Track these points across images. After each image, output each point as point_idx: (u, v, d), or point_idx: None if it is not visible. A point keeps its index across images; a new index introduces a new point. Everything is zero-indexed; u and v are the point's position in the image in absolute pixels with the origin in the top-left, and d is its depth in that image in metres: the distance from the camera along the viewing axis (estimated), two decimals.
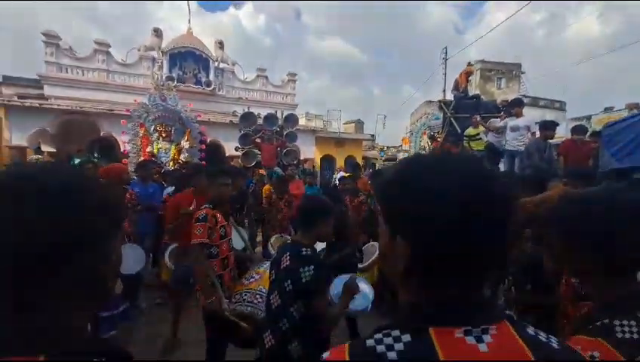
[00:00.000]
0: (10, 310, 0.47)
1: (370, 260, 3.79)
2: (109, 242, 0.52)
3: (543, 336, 0.48)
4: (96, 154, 11.03)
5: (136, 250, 3.29)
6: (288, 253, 1.66)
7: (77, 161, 8.40)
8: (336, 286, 1.71)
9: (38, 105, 11.70)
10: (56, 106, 11.76)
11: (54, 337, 0.47)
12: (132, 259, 3.04)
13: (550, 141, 4.64)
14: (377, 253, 3.79)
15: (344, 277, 2.03)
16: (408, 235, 0.48)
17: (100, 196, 0.51)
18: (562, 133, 9.16)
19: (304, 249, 1.64)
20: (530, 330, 0.48)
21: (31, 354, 0.44)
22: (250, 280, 2.29)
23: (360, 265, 3.64)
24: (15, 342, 0.45)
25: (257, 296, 2.15)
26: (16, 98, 12.19)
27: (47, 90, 12.89)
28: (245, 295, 2.17)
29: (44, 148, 11.52)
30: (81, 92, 13.05)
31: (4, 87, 14.10)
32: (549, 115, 21.17)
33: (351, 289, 1.70)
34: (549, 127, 4.63)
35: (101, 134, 11.97)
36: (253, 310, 2.10)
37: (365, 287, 2.08)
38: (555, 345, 0.47)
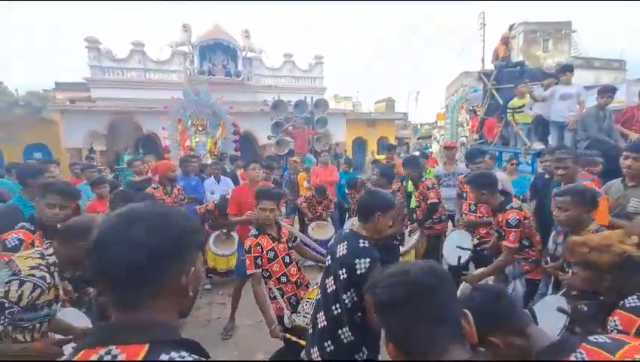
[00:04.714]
0: (119, 308, 0.62)
1: (410, 244, 3.80)
2: (189, 259, 0.67)
3: None
4: (141, 151, 11.83)
5: None
6: (346, 243, 1.67)
7: (127, 158, 9.10)
8: None
9: (87, 108, 12.66)
10: (102, 108, 12.64)
11: (154, 330, 0.59)
12: None
13: (610, 108, 4.15)
14: (417, 238, 3.75)
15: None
16: None
17: (183, 225, 0.66)
18: (623, 98, 8.15)
19: (362, 241, 1.64)
20: None
21: (138, 343, 0.56)
22: (314, 286, 2.29)
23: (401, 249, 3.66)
24: (124, 333, 0.58)
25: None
26: (68, 102, 13.25)
27: (94, 93, 13.85)
28: (306, 305, 2.18)
29: (97, 147, 12.55)
30: (123, 92, 13.84)
31: (58, 92, 15.38)
32: (606, 77, 19.00)
33: None
34: (606, 91, 4.13)
35: (144, 131, 12.74)
36: (310, 322, 2.01)
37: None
38: None
